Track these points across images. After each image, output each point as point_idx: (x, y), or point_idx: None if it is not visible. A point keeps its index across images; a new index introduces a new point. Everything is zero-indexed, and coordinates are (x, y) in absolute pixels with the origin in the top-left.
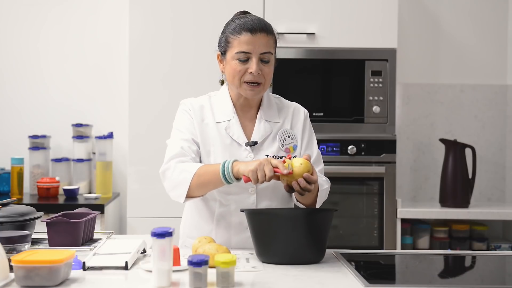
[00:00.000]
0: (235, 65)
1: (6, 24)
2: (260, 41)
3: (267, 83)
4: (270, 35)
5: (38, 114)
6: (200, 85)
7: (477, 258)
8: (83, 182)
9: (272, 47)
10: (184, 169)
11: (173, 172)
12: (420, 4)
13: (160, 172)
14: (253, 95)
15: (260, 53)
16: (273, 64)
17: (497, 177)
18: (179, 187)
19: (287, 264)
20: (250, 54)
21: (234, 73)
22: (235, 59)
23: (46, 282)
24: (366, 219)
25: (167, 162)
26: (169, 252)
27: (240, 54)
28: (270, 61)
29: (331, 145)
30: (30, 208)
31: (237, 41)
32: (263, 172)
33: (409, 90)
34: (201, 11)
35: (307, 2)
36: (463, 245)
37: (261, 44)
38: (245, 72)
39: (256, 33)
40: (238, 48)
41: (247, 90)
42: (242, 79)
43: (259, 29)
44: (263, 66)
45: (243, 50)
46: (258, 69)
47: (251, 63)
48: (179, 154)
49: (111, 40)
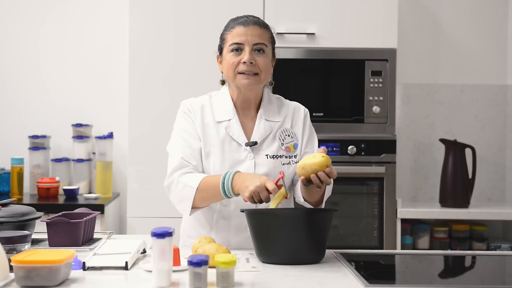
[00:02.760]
0: (229, 57)
1: (5, 24)
2: (253, 32)
3: (263, 75)
4: (264, 28)
5: (38, 114)
6: (201, 85)
7: (477, 258)
8: (83, 182)
9: (267, 41)
10: (187, 184)
11: (177, 187)
12: (420, 4)
13: (165, 186)
14: (248, 85)
15: (253, 43)
16: (269, 57)
17: (497, 177)
18: (183, 203)
19: (287, 264)
20: (243, 44)
21: (229, 66)
22: (229, 52)
23: (46, 282)
24: (366, 219)
25: (170, 175)
26: (169, 252)
27: (233, 45)
28: (265, 52)
29: (331, 145)
30: (30, 208)
31: (230, 35)
32: (259, 198)
33: (409, 90)
34: (202, 11)
35: (307, 2)
36: (463, 245)
37: (253, 35)
38: (239, 63)
39: (248, 25)
40: (231, 41)
41: (242, 79)
42: (237, 70)
43: (252, 22)
44: (257, 56)
45: (235, 42)
46: (251, 58)
47: (244, 52)
48: (180, 165)
49: (111, 40)
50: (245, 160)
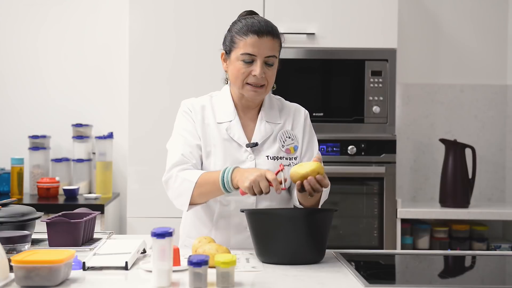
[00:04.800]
0: (239, 66)
1: (5, 24)
2: (266, 44)
3: (269, 86)
4: (276, 38)
5: (38, 114)
6: (202, 85)
7: (477, 258)
8: (83, 182)
9: (277, 51)
10: (185, 179)
11: (175, 182)
12: (420, 4)
13: (163, 181)
14: (255, 97)
15: (265, 56)
16: (276, 68)
17: (497, 177)
18: (181, 197)
19: (287, 264)
20: (255, 56)
21: (238, 74)
22: (239, 60)
23: (46, 282)
24: (366, 219)
25: (168, 170)
26: (169, 252)
27: (245, 56)
28: (274, 64)
29: (331, 145)
30: (30, 208)
31: (243, 42)
32: (259, 188)
33: (409, 90)
34: (203, 11)
35: (307, 2)
36: (463, 245)
37: (266, 47)
38: (249, 74)
39: (262, 36)
40: (244, 50)
41: (250, 91)
42: (245, 81)
43: (266, 32)
44: (267, 69)
45: (248, 52)
46: (262, 72)
47: (256, 66)
48: (180, 161)
49: (111, 40)
50: (246, 161)
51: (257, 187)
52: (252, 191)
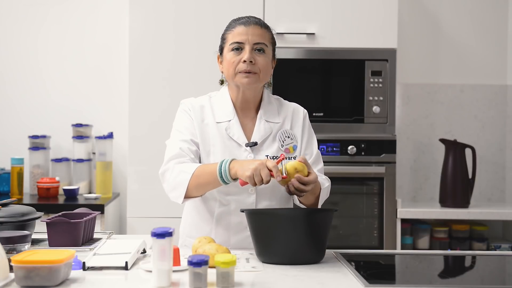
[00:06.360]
0: (229, 56)
1: (5, 24)
2: (254, 31)
3: (263, 74)
4: (264, 28)
5: (38, 114)
6: (201, 85)
7: (477, 258)
8: (83, 182)
9: (268, 41)
10: (182, 170)
11: (172, 173)
12: (420, 4)
13: (160, 173)
14: (248, 83)
15: (253, 42)
16: (269, 58)
17: (497, 177)
18: (177, 188)
19: (287, 264)
20: (243, 43)
21: (229, 64)
22: (230, 51)
23: (46, 282)
24: (366, 219)
25: (166, 163)
26: (169, 252)
27: (234, 45)
28: (265, 52)
29: (331, 145)
30: (30, 208)
31: (231, 34)
32: (260, 177)
33: (409, 90)
34: (202, 11)
35: (307, 2)
36: (463, 245)
37: (254, 34)
38: (239, 62)
39: (249, 25)
40: (232, 40)
41: (242, 78)
42: (237, 69)
43: (253, 22)
44: (257, 56)
45: (236, 41)
46: (251, 57)
47: (244, 52)
48: (178, 155)
49: (111, 40)
50: None
51: (258, 175)
52: (253, 180)
